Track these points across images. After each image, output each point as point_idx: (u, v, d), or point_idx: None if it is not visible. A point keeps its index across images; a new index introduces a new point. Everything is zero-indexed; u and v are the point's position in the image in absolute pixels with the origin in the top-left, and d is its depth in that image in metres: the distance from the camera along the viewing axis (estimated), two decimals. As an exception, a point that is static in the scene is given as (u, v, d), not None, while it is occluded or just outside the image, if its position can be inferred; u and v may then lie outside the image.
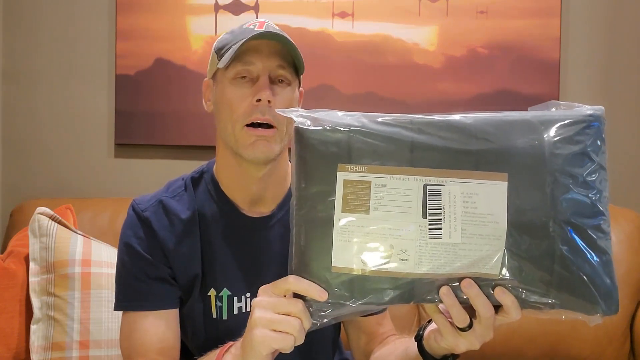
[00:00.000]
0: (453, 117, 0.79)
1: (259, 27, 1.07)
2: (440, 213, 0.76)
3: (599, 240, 0.76)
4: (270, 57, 1.05)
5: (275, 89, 1.06)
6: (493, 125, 0.78)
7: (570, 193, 0.76)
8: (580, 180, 0.76)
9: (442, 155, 0.77)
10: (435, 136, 0.77)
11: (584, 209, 0.76)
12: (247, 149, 1.05)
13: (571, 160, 0.77)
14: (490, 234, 0.76)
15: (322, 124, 0.79)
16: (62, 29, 2.16)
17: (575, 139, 0.77)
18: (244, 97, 1.05)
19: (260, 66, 1.05)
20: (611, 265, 0.77)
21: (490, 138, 0.77)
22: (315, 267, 0.78)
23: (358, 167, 0.77)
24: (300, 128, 0.80)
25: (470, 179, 0.76)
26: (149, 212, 1.12)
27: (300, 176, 0.80)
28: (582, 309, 0.78)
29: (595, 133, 0.78)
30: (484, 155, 0.76)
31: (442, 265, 0.76)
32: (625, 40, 2.10)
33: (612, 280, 0.77)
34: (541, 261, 0.76)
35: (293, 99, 1.09)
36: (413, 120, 0.78)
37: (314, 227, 0.78)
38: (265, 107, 1.04)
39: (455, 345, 0.83)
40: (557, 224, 0.76)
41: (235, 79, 1.06)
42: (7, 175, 2.17)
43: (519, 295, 0.77)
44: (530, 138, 0.77)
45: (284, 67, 1.06)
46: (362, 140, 0.78)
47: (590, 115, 0.78)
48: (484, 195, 0.76)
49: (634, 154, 2.09)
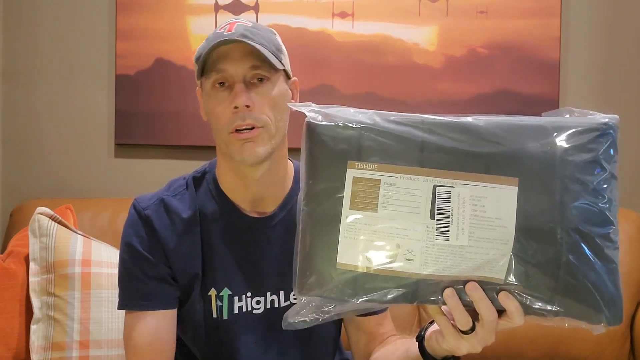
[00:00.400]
0: (465, 119, 0.78)
1: (228, 30, 1.05)
2: (449, 215, 0.76)
3: (606, 249, 0.76)
4: (241, 60, 1.04)
5: (254, 89, 1.04)
6: (505, 128, 0.77)
7: (580, 201, 0.75)
8: (591, 188, 0.76)
9: (452, 157, 0.76)
10: (446, 137, 0.77)
11: (593, 217, 0.76)
12: (237, 154, 1.05)
13: (583, 167, 0.76)
14: (497, 238, 0.75)
15: (333, 120, 0.79)
16: (62, 29, 2.16)
17: (588, 146, 0.76)
18: (223, 105, 1.05)
19: (232, 71, 1.04)
20: (617, 275, 0.77)
21: (501, 141, 0.76)
22: (320, 263, 0.78)
23: (368, 164, 0.77)
24: (311, 123, 0.79)
25: (480, 182, 0.76)
26: (150, 211, 1.11)
27: (309, 171, 0.79)
28: (586, 317, 0.77)
29: (609, 141, 0.77)
30: (494, 159, 0.76)
31: (447, 267, 0.76)
32: (625, 40, 2.10)
33: (618, 290, 0.77)
34: (547, 268, 0.75)
35: (279, 94, 1.07)
36: (424, 120, 0.78)
37: (320, 223, 0.78)
38: (244, 112, 1.03)
39: (456, 348, 0.83)
40: (565, 231, 0.75)
41: (214, 87, 1.06)
42: (7, 175, 2.17)
43: (523, 300, 0.77)
44: (542, 143, 0.76)
45: (257, 67, 1.04)
46: (372, 138, 0.77)
47: (605, 124, 0.78)
48: (493, 199, 0.75)
49: (634, 154, 2.09)
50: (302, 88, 1.17)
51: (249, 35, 1.04)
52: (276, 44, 1.09)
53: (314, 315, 0.81)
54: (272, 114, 1.05)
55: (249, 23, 1.09)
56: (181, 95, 2.11)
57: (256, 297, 1.11)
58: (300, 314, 0.81)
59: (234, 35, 1.03)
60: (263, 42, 1.05)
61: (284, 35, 1.14)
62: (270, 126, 1.05)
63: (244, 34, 1.04)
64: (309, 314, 0.81)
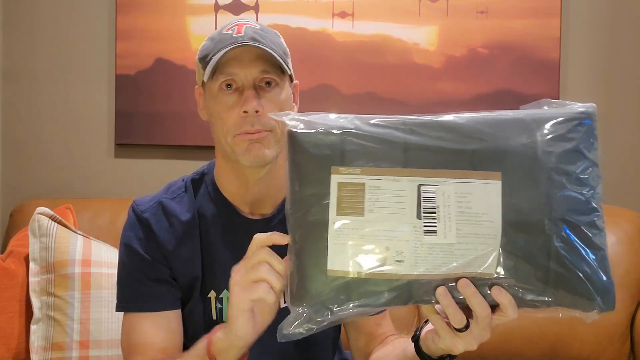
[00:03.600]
0: (446, 117, 0.78)
1: (237, 32, 1.04)
2: (435, 213, 0.76)
3: (593, 236, 0.77)
4: (252, 64, 1.04)
5: (263, 94, 1.04)
6: (486, 124, 0.78)
7: (564, 190, 0.76)
8: (574, 178, 0.77)
9: (436, 156, 0.77)
10: (428, 136, 0.77)
11: (578, 206, 0.76)
12: (244, 156, 1.04)
13: (564, 157, 0.77)
14: (485, 233, 0.76)
15: (314, 126, 0.79)
16: (62, 29, 2.16)
17: (568, 136, 0.77)
18: (231, 108, 1.04)
19: (242, 75, 1.04)
20: (606, 261, 0.77)
21: (483, 137, 0.77)
22: (310, 271, 0.78)
23: (352, 169, 0.77)
24: (292, 131, 0.79)
25: (464, 179, 0.76)
26: (149, 214, 1.11)
27: (293, 179, 0.79)
28: (579, 306, 0.78)
29: (587, 130, 0.78)
30: (477, 155, 0.76)
31: (438, 266, 0.76)
32: (625, 40, 2.10)
33: (608, 276, 0.77)
34: (537, 259, 0.76)
35: (285, 99, 1.08)
36: (406, 121, 0.78)
37: (308, 230, 0.78)
38: (253, 118, 1.03)
39: (452, 346, 0.82)
40: (552, 221, 0.76)
41: (221, 89, 1.05)
42: (7, 175, 2.17)
43: (515, 293, 0.77)
44: (524, 136, 0.77)
45: (268, 71, 1.04)
46: (355, 142, 0.77)
47: (582, 113, 0.79)
48: (478, 195, 0.76)
49: (633, 153, 2.09)
50: (302, 88, 1.17)
51: (259, 38, 1.04)
52: (283, 48, 1.09)
53: (309, 325, 0.80)
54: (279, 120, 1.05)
55: (257, 25, 1.08)
56: (181, 95, 2.11)
57: (256, 298, 1.11)
58: (295, 324, 0.80)
59: (245, 38, 1.03)
60: (272, 45, 1.05)
61: (284, 35, 1.14)
62: (277, 130, 1.05)
63: (254, 37, 1.04)
64: (303, 324, 0.80)
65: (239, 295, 0.87)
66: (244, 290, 0.86)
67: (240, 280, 0.86)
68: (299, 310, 0.80)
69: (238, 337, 0.90)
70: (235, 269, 0.88)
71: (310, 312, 0.80)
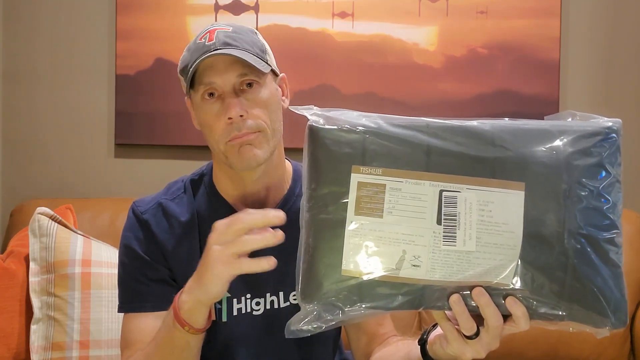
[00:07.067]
0: (470, 123, 0.77)
1: (209, 40, 1.03)
2: (456, 220, 0.75)
3: (611, 253, 0.76)
4: (228, 70, 1.03)
5: (246, 97, 1.03)
6: (511, 132, 0.76)
7: (585, 205, 0.75)
8: (596, 193, 0.76)
9: (458, 161, 0.75)
10: (451, 141, 0.76)
11: (599, 222, 0.76)
12: (236, 160, 1.04)
13: (588, 172, 0.76)
14: (505, 243, 0.74)
15: (336, 123, 0.78)
16: (62, 29, 2.16)
17: (593, 150, 0.76)
18: (217, 116, 1.04)
19: (221, 82, 1.03)
20: (622, 279, 0.77)
21: (507, 146, 0.75)
22: (324, 270, 0.77)
23: (373, 169, 0.76)
24: (313, 127, 0.78)
25: (486, 187, 0.75)
26: (148, 215, 1.12)
27: (311, 176, 0.78)
28: (591, 322, 0.77)
29: (612, 145, 0.78)
30: (500, 163, 0.75)
31: (454, 273, 0.75)
32: (625, 40, 2.10)
33: (622, 294, 0.76)
34: (554, 272, 0.75)
35: (270, 96, 1.06)
36: (430, 124, 0.77)
37: (324, 228, 0.77)
38: (239, 123, 1.02)
39: (461, 353, 0.82)
40: (572, 235, 0.75)
41: (204, 99, 1.05)
42: (7, 175, 2.17)
43: (529, 305, 0.76)
44: (548, 148, 0.76)
45: (245, 74, 1.03)
46: (377, 142, 0.76)
47: (608, 128, 0.78)
48: (500, 204, 0.75)
49: (634, 154, 2.09)
50: (302, 88, 1.17)
51: (231, 42, 1.03)
52: (259, 45, 1.08)
53: (318, 323, 0.79)
54: (267, 117, 1.04)
55: (229, 28, 1.07)
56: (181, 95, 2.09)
57: (256, 298, 1.11)
58: (304, 322, 0.79)
59: (217, 44, 1.02)
60: (246, 46, 1.04)
61: (284, 35, 1.14)
62: (267, 130, 1.04)
63: (226, 42, 1.03)
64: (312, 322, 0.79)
65: (220, 269, 0.87)
66: (226, 264, 0.86)
67: (220, 255, 0.87)
68: (309, 307, 0.79)
69: (208, 297, 0.91)
70: (216, 240, 0.88)
71: (320, 311, 0.79)
